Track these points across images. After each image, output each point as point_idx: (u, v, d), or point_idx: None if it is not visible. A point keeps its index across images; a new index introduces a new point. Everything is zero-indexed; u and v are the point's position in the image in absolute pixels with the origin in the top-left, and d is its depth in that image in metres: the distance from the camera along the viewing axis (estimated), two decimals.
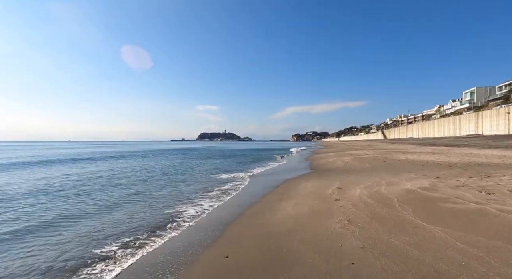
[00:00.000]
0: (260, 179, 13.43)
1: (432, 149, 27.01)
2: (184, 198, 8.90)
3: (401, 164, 14.58)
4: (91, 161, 25.82)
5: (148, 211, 7.23)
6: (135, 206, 7.88)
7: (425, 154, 20.67)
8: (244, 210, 7.01)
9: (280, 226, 5.23)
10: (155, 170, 17.01)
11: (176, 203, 8.14)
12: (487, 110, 57.33)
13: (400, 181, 8.51)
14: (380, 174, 10.93)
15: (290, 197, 7.97)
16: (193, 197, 8.95)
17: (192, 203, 8.14)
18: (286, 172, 15.37)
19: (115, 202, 8.43)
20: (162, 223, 6.10)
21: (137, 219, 6.55)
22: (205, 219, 6.51)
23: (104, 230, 5.71)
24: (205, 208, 7.55)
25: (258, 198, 8.39)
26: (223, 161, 25.09)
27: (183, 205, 7.86)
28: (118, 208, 7.70)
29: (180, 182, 12.55)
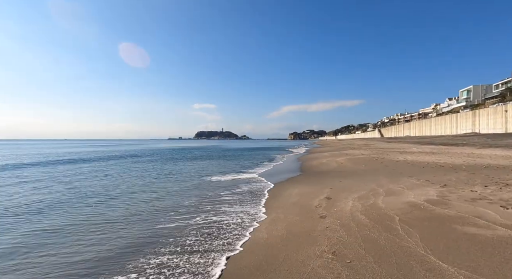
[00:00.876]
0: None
1: (430, 149, 25.81)
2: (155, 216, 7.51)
3: (399, 165, 13.27)
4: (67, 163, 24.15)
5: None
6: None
7: (424, 154, 19.42)
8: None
9: (240, 262, 3.83)
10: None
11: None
12: (484, 109, 56.60)
13: (400, 189, 7.15)
14: (377, 179, 9.58)
15: (269, 209, 6.59)
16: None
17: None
18: (276, 174, 13.97)
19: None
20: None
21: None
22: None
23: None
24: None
25: None
26: (212, 163, 23.64)
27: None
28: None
29: (166, 188, 11.14)
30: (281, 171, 15.06)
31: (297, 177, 12.36)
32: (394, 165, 13.68)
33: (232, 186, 10.59)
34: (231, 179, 12.69)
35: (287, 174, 13.40)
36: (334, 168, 14.46)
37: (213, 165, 20.40)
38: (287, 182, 10.87)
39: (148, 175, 14.64)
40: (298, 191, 8.57)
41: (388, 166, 13.51)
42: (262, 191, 9.24)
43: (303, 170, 14.97)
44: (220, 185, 11.00)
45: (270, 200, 7.64)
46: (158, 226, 5.68)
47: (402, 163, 14.08)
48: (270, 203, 7.25)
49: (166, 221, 6.02)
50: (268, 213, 6.23)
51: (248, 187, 10.07)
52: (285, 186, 9.84)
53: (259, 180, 11.99)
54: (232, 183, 11.49)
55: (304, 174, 13.02)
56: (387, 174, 10.64)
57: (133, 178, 13.55)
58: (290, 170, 15.52)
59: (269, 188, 9.81)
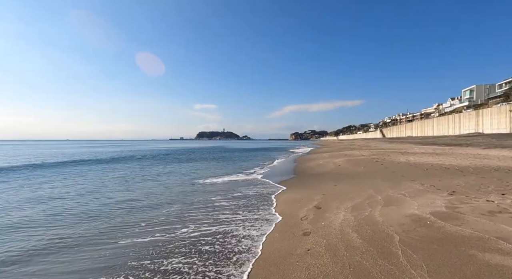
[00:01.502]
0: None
1: (433, 149, 24.76)
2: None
3: (401, 167, 12.26)
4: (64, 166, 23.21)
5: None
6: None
7: (428, 155, 18.39)
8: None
9: None
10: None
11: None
12: (488, 108, 55.43)
13: (401, 197, 6.16)
14: (375, 183, 8.59)
15: None
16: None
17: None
18: (268, 177, 12.97)
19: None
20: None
21: None
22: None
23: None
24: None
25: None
26: (206, 164, 22.69)
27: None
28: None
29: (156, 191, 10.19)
30: (274, 174, 14.07)
31: (289, 180, 11.37)
32: (395, 167, 12.68)
33: (213, 192, 9.63)
34: (215, 182, 11.71)
35: (279, 177, 12.41)
36: (331, 170, 13.46)
37: (206, 167, 19.44)
38: (276, 188, 9.89)
39: (132, 179, 13.69)
40: (285, 198, 7.60)
41: (389, 168, 12.51)
42: (245, 197, 8.28)
43: (297, 172, 13.97)
44: (204, 189, 10.02)
45: None
46: (123, 242, 4.70)
47: (403, 165, 13.07)
48: None
49: (135, 234, 5.05)
50: None
51: (233, 193, 9.09)
52: (273, 192, 8.86)
53: (250, 184, 11.02)
54: (214, 188, 10.51)
55: (297, 177, 12.04)
56: (387, 178, 9.64)
57: (113, 182, 12.59)
58: (283, 172, 14.51)
59: (254, 193, 8.84)
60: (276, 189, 9.22)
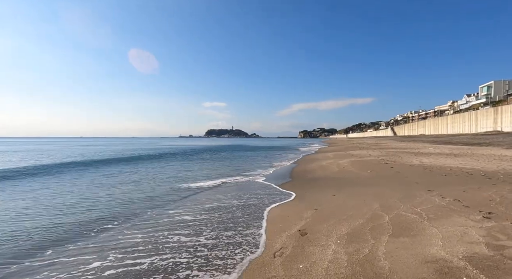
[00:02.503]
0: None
1: (449, 149, 22.65)
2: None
3: (414, 172, 10.52)
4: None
5: None
6: None
7: (444, 156, 16.44)
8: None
9: None
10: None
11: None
12: (508, 105, 52.30)
13: (417, 219, 4.55)
14: (382, 193, 6.96)
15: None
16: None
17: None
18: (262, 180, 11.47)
19: None
20: None
21: None
22: None
23: None
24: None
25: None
26: (204, 165, 21.41)
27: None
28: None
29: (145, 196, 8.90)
30: (270, 177, 12.51)
31: (281, 186, 9.82)
32: (408, 170, 10.93)
33: (188, 199, 8.16)
34: (202, 186, 10.25)
35: (272, 182, 10.88)
36: (333, 174, 11.83)
37: (202, 167, 18.08)
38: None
39: (109, 182, 12.43)
40: (267, 214, 6.08)
41: (400, 172, 10.79)
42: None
43: (295, 175, 12.37)
44: (179, 195, 8.57)
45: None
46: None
47: (417, 169, 11.30)
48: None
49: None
50: None
51: (211, 202, 7.61)
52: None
53: (238, 189, 9.53)
54: (194, 193, 9.05)
55: (292, 182, 10.46)
56: (398, 185, 7.97)
57: (85, 186, 11.33)
58: (279, 175, 12.91)
59: (232, 205, 7.34)
60: (264, 200, 7.70)
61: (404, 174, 10.34)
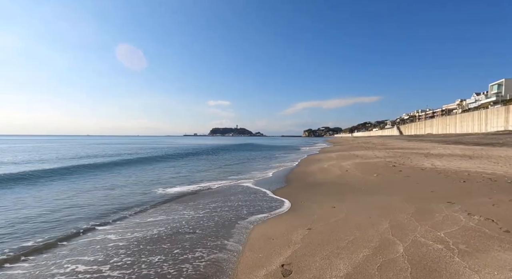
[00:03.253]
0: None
1: (461, 149, 21.17)
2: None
3: (427, 177, 9.24)
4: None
5: None
6: None
7: (458, 157, 15.05)
8: None
9: None
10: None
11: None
12: None
13: (444, 252, 3.36)
14: (392, 205, 5.75)
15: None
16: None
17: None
18: (253, 185, 10.32)
19: None
20: None
21: None
22: None
23: None
24: None
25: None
26: (188, 166, 20.33)
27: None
28: None
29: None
30: (262, 182, 11.33)
31: (274, 193, 8.64)
32: (419, 175, 9.65)
33: (140, 209, 7.05)
34: (175, 192, 9.13)
35: (265, 187, 9.70)
36: (335, 178, 10.60)
37: (185, 169, 16.99)
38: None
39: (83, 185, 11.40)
40: (248, 235, 4.93)
41: (410, 176, 9.52)
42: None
43: (292, 179, 11.14)
44: (136, 204, 7.46)
45: None
46: None
47: (430, 173, 10.01)
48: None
49: None
50: None
51: (175, 212, 6.47)
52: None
53: (217, 197, 8.39)
54: (157, 202, 7.93)
55: (287, 188, 9.26)
56: (410, 194, 6.74)
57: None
58: (274, 179, 11.67)
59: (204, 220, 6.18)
60: (248, 212, 6.53)
61: (415, 179, 9.08)
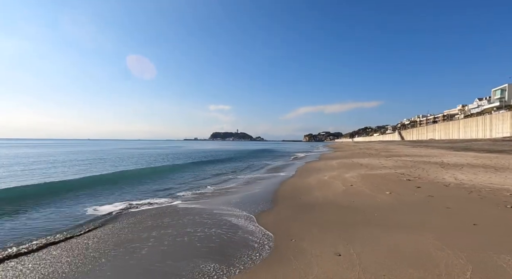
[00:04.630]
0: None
1: (475, 157, 19.00)
2: None
3: (456, 198, 7.07)
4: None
5: None
6: None
7: (481, 168, 12.82)
8: None
9: None
10: None
11: None
12: None
13: None
14: (428, 257, 3.58)
15: None
16: None
17: None
18: (226, 204, 8.15)
19: None
20: None
21: None
22: None
23: None
24: None
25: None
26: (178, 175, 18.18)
27: None
28: None
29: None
30: (241, 200, 9.12)
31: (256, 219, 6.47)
32: (445, 195, 7.47)
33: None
34: (104, 212, 6.99)
35: (248, 207, 7.52)
36: (336, 196, 8.41)
37: (158, 179, 14.80)
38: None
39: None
40: None
41: (434, 196, 7.36)
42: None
43: (281, 198, 8.87)
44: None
45: None
46: None
47: (457, 191, 7.82)
48: None
49: None
50: None
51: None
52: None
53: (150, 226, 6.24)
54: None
55: (271, 213, 7.07)
56: (447, 231, 4.59)
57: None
58: (258, 196, 9.39)
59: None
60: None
61: (442, 201, 6.92)
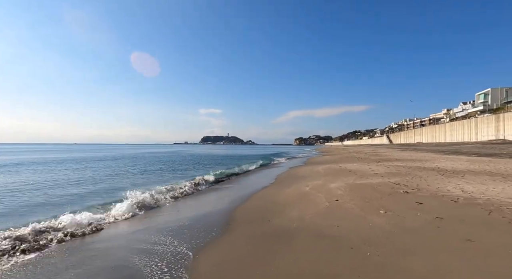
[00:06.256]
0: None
1: (469, 162, 17.56)
2: None
3: (473, 219, 5.15)
4: None
5: None
6: None
7: (486, 176, 11.12)
8: None
9: None
10: None
11: None
12: (511, 112, 48.89)
13: None
14: None
15: None
16: None
17: None
18: (150, 232, 6.03)
19: None
20: None
21: None
22: None
23: None
24: None
25: None
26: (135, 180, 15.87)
27: None
28: None
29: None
30: (187, 223, 7.02)
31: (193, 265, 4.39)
32: (457, 216, 5.56)
33: None
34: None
35: (190, 237, 5.43)
36: (316, 218, 6.40)
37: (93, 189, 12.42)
38: None
39: None
40: None
41: (445, 219, 5.46)
42: None
43: (241, 221, 6.68)
44: None
45: None
46: None
47: (471, 210, 5.97)
48: None
49: None
50: None
51: None
52: None
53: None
54: None
55: (221, 245, 4.99)
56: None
57: None
58: (215, 216, 7.32)
59: None
60: None
61: (455, 226, 5.03)
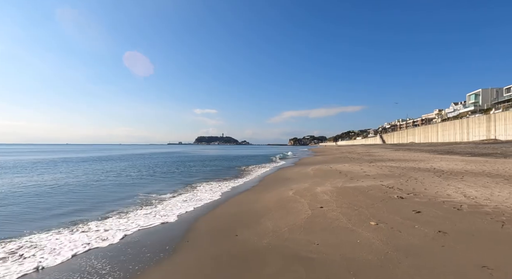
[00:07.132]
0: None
1: (464, 162, 16.77)
2: None
3: (484, 234, 4.06)
4: None
5: None
6: None
7: (488, 178, 10.19)
8: None
9: None
10: None
11: None
12: (502, 112, 48.88)
13: None
14: None
15: None
16: None
17: None
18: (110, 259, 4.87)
19: None
20: None
21: None
22: None
23: None
24: None
25: None
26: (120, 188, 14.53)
27: None
28: None
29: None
30: (129, 240, 5.85)
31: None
32: (466, 232, 4.46)
33: None
34: None
35: (129, 260, 4.26)
36: (293, 232, 5.28)
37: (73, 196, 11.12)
38: None
39: None
40: None
41: (449, 234, 4.40)
42: None
43: (201, 234, 5.51)
44: None
45: None
46: None
47: (480, 222, 4.89)
48: None
49: None
50: None
51: None
52: None
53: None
54: None
55: (165, 272, 3.84)
56: None
57: None
58: (172, 228, 6.12)
59: None
60: None
61: (462, 243, 3.98)
